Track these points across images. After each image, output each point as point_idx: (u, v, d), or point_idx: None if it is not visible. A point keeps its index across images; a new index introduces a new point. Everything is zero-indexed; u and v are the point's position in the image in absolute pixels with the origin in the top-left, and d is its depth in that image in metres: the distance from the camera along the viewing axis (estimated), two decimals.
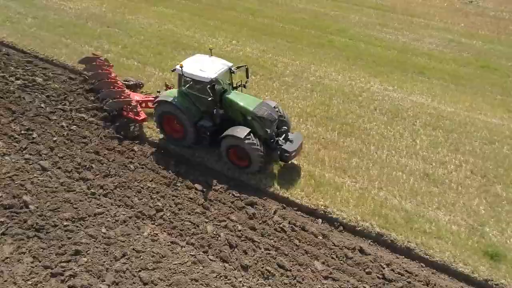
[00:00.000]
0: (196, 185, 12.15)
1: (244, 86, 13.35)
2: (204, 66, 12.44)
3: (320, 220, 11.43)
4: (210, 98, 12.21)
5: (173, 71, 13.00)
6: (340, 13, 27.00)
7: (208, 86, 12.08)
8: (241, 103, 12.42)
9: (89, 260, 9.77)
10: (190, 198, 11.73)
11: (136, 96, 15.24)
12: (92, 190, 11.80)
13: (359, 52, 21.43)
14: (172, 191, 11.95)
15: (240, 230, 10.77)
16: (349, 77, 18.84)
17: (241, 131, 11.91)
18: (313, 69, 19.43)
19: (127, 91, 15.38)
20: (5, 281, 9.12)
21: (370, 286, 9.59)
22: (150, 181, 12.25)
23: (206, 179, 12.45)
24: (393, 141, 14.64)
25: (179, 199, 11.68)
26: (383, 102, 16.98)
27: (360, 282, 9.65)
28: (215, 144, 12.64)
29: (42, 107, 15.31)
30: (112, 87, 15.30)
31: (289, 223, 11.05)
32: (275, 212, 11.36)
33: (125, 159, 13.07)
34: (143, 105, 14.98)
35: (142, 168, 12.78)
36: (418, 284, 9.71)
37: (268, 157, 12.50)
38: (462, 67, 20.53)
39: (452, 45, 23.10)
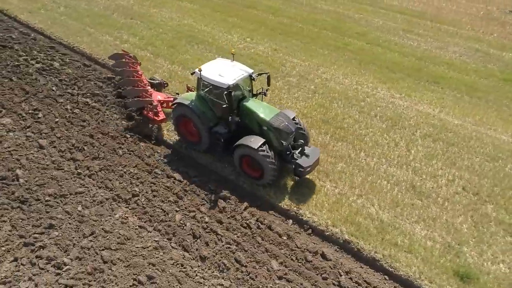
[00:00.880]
0: (176, 175, 12.49)
1: (265, 94, 12.95)
2: (223, 71, 12.12)
3: (290, 221, 11.37)
4: (224, 105, 11.85)
5: (192, 74, 12.63)
6: (364, 16, 26.39)
7: (225, 92, 11.68)
8: (258, 112, 11.96)
9: (60, 234, 10.39)
10: (167, 187, 12.08)
11: (158, 96, 15.11)
12: (78, 171, 12.49)
13: (374, 57, 20.88)
14: (152, 178, 12.37)
15: (206, 222, 10.97)
16: (356, 82, 18.44)
17: (255, 141, 11.46)
18: (321, 71, 19.20)
19: (150, 90, 15.24)
20: None
21: None
22: (134, 167, 12.75)
23: (188, 170, 12.76)
24: (386, 149, 14.21)
25: (156, 186, 12.08)
26: (385, 109, 16.48)
27: (314, 287, 9.53)
28: (229, 151, 12.25)
29: (53, 90, 16.32)
30: (136, 85, 15.29)
31: (257, 220, 11.09)
32: (245, 208, 11.45)
33: (115, 144, 13.67)
34: (164, 105, 14.89)
35: (130, 154, 13.31)
36: None
37: (281, 170, 12.09)
38: (482, 79, 19.43)
39: (478, 55, 21.90)
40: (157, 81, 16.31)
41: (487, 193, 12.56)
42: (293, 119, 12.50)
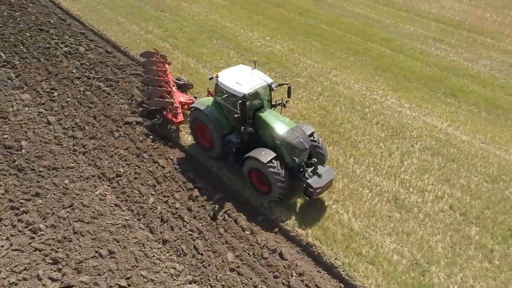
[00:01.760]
0: (161, 161, 13.04)
1: (284, 106, 12.47)
2: (241, 79, 11.71)
3: (260, 217, 11.48)
4: (236, 115, 11.57)
5: (210, 79, 12.38)
6: (395, 22, 25.49)
7: (239, 101, 11.24)
8: (272, 125, 11.48)
9: (43, 203, 11.32)
10: (149, 171, 12.68)
11: (181, 97, 14.95)
12: (75, 147, 13.46)
13: (394, 64, 20.18)
14: (138, 161, 13.02)
15: (177, 208, 11.40)
16: (367, 87, 17.98)
17: (266, 155, 10.96)
18: (333, 74, 18.93)
19: (174, 90, 15.16)
20: None
21: (268, 287, 9.52)
22: (125, 149, 13.49)
23: (173, 157, 13.26)
24: (378, 158, 13.80)
25: (140, 169, 12.71)
26: (389, 117, 15.96)
27: (263, 283, 9.62)
28: (240, 162, 11.75)
29: (73, 72, 17.58)
30: (160, 85, 15.27)
31: (225, 212, 11.33)
32: (217, 200, 11.71)
33: (114, 127, 14.52)
34: (185, 107, 14.73)
35: (124, 137, 14.08)
36: None
37: (292, 187, 11.56)
38: (507, 96, 18.11)
39: (511, 71, 20.39)
40: (183, 82, 16.26)
41: (475, 214, 11.83)
42: (311, 135, 11.92)
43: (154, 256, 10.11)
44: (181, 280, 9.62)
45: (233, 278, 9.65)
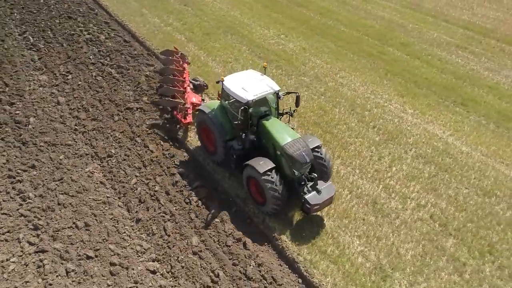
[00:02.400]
0: (151, 145, 13.65)
1: (291, 115, 12.20)
2: (247, 85, 11.38)
3: (234, 208, 11.77)
4: (236, 122, 11.22)
5: (217, 82, 12.21)
6: (419, 27, 24.69)
7: (241, 108, 10.94)
8: (274, 134, 11.06)
9: (37, 174, 12.27)
10: (138, 154, 13.33)
11: (193, 98, 14.91)
12: (76, 127, 14.40)
13: (406, 69, 19.65)
14: (130, 145, 13.71)
15: (156, 191, 11.94)
16: (372, 91, 17.69)
17: (263, 165, 10.62)
18: (340, 75, 18.78)
19: (189, 90, 15.21)
20: None
21: (226, 275, 9.77)
22: (120, 132, 14.24)
23: (164, 143, 13.82)
24: (366, 161, 13.63)
25: (130, 152, 13.40)
26: (389, 122, 15.65)
27: (220, 269, 9.91)
28: (240, 169, 11.49)
29: (90, 58, 18.69)
30: (174, 85, 15.26)
31: (199, 199, 11.71)
32: (196, 187, 12.11)
33: (116, 111, 15.33)
34: (196, 108, 14.13)
35: (123, 121, 14.85)
36: None
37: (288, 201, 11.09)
38: None
39: None
40: (198, 82, 16.25)
41: (456, 226, 11.43)
42: (315, 148, 11.38)
43: (125, 232, 10.69)
44: (144, 258, 10.13)
45: (193, 261, 10.02)
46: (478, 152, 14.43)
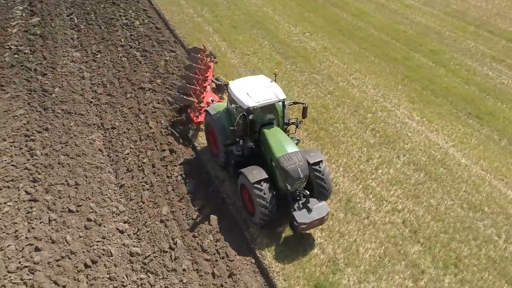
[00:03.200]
0: (151, 123, 14.72)
1: (297, 126, 11.86)
2: (253, 91, 11.11)
3: (212, 187, 12.44)
4: (231, 127, 11.03)
5: (225, 86, 12.34)
6: (456, 35, 23.53)
7: (240, 114, 10.81)
8: (272, 144, 10.74)
9: (48, 136, 13.86)
10: (138, 129, 14.49)
11: (211, 97, 14.88)
12: (91, 100, 15.93)
13: (427, 76, 18.98)
14: (133, 120, 14.90)
15: (143, 163, 12.98)
16: (382, 94, 17.40)
17: (256, 175, 10.29)
18: (354, 76, 18.65)
19: (208, 89, 15.28)
20: (1, 129, 14.03)
21: (184, 244, 10.47)
22: (129, 108, 15.50)
23: (168, 122, 14.76)
24: (353, 161, 13.61)
25: (132, 126, 14.60)
26: (389, 126, 15.39)
27: (180, 238, 10.63)
28: (237, 176, 11.19)
29: (121, 41, 20.33)
30: (193, 83, 15.21)
31: (181, 176, 12.53)
32: (180, 164, 12.96)
33: (130, 89, 16.65)
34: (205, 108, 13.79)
35: (134, 98, 16.12)
36: (223, 265, 10.02)
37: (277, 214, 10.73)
38: None
39: None
40: (219, 82, 16.18)
41: (427, 235, 11.15)
42: (317, 164, 10.84)
43: (107, 195, 11.82)
44: (117, 218, 11.16)
45: (158, 228, 10.86)
46: (478, 166, 13.77)
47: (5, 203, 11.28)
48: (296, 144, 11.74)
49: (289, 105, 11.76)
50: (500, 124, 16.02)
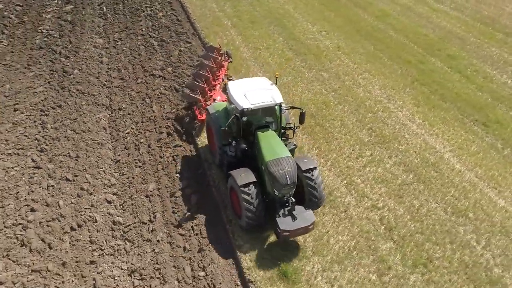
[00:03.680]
0: (155, 107, 15.57)
1: (294, 131, 11.78)
2: (250, 93, 11.06)
3: (200, 170, 13.07)
4: (222, 128, 11.15)
5: (224, 86, 12.18)
6: (481, 42, 22.74)
7: (233, 115, 10.89)
8: (263, 147, 10.63)
9: (60, 112, 15.08)
10: (142, 111, 15.38)
11: (219, 96, 14.85)
12: (105, 83, 17.05)
13: (438, 81, 18.58)
14: (139, 103, 15.83)
15: (141, 142, 13.85)
16: (387, 96, 17.30)
17: (244, 177, 10.24)
18: (362, 76, 18.63)
19: (217, 88, 15.38)
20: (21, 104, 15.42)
21: (163, 219, 11.16)
22: (137, 92, 16.47)
23: (166, 107, 15.60)
24: (343, 157, 13.75)
25: (137, 108, 15.54)
26: (388, 127, 15.33)
27: (160, 213, 11.33)
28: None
29: (142, 30, 21.46)
30: (201, 81, 15.20)
31: (173, 157, 13.25)
32: (175, 146, 13.69)
33: (142, 75, 17.61)
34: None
35: (143, 84, 17.06)
36: (195, 241, 10.61)
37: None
38: None
39: None
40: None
41: (403, 234, 11.16)
42: (309, 171, 10.65)
43: (102, 168, 12.77)
44: (107, 190, 12.07)
45: (143, 202, 11.64)
46: (472, 173, 13.47)
47: (12, 167, 12.49)
48: (293, 149, 11.80)
49: (285, 109, 11.60)
50: (507, 133, 15.48)
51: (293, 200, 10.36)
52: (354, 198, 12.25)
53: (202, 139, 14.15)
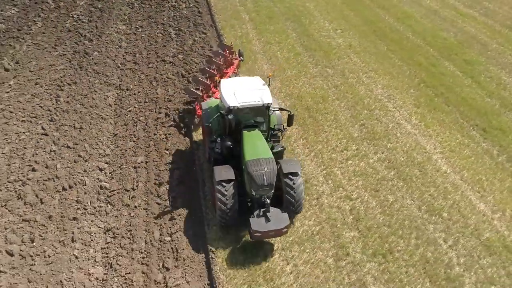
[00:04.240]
0: (159, 89, 16.61)
1: (282, 132, 11.90)
2: (240, 92, 11.16)
3: (188, 149, 13.93)
4: (206, 124, 11.40)
5: (218, 83, 12.33)
6: (504, 48, 21.86)
7: (219, 112, 11.11)
8: (245, 147, 10.70)
9: (73, 88, 16.53)
10: (146, 93, 16.49)
11: None
12: (119, 65, 18.39)
13: (446, 84, 18.24)
14: (146, 85, 16.95)
15: (139, 120, 14.93)
16: (388, 95, 17.29)
17: (223, 174, 10.29)
18: (367, 75, 18.70)
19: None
20: (42, 78, 17.02)
21: (144, 188, 12.12)
22: (146, 76, 17.64)
23: (169, 90, 16.61)
24: (328, 149, 14.05)
25: (142, 90, 16.67)
26: (381, 124, 15.41)
27: (143, 182, 12.32)
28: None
29: (163, 20, 22.73)
30: (206, 76, 15.33)
31: (165, 135, 14.23)
32: (169, 126, 14.64)
33: (154, 60, 18.78)
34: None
35: (153, 68, 18.22)
36: (169, 210, 11.47)
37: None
38: None
39: None
40: None
41: (369, 225, 11.37)
42: (289, 174, 10.48)
43: (101, 139, 13.99)
44: (101, 159, 13.25)
45: (130, 172, 12.69)
46: (458, 175, 13.32)
47: (23, 132, 13.99)
48: (281, 151, 11.78)
49: (274, 110, 11.49)
50: (507, 140, 15.03)
51: (268, 201, 10.24)
52: (329, 187, 12.57)
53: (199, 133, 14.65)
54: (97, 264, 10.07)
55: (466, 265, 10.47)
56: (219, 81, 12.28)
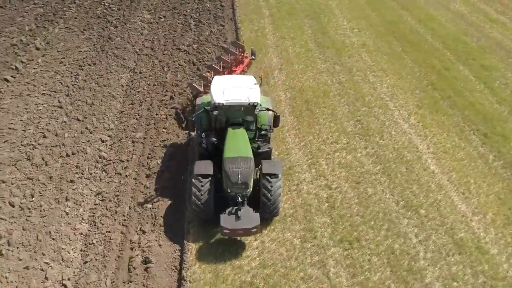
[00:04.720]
0: (168, 74, 17.66)
1: (268, 132, 11.85)
2: (229, 89, 11.24)
3: (185, 129, 14.83)
4: (189, 118, 11.52)
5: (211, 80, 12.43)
6: None
7: (204, 107, 11.29)
8: (227, 144, 10.78)
9: (92, 69, 17.97)
10: (156, 77, 17.59)
11: None
12: (138, 51, 19.65)
13: (455, 88, 17.92)
14: (157, 70, 18.06)
15: (145, 100, 16.02)
16: (392, 95, 17.31)
17: (202, 169, 10.39)
18: (374, 74, 18.76)
19: None
20: (67, 58, 18.59)
21: (137, 161, 13.12)
22: (159, 61, 18.77)
23: (178, 75, 17.62)
24: (318, 141, 14.42)
25: (153, 74, 17.77)
26: (377, 121, 15.54)
27: (137, 156, 13.32)
28: None
29: (185, 11, 23.86)
30: (212, 74, 15.28)
31: (166, 115, 15.19)
32: (172, 108, 15.62)
33: (170, 48, 19.90)
34: None
35: (168, 55, 19.31)
36: (155, 181, 12.39)
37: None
38: None
39: None
40: None
41: (342, 214, 11.69)
42: (268, 175, 10.47)
43: (107, 115, 15.25)
44: (104, 132, 14.48)
45: (127, 146, 13.85)
46: (445, 176, 13.26)
47: (41, 104, 15.52)
48: (267, 152, 11.61)
49: (260, 110, 11.41)
50: (508, 147, 14.67)
51: (240, 200, 10.31)
52: (311, 175, 12.98)
53: None
54: (83, 221, 11.18)
55: (432, 260, 10.55)
56: (210, 77, 12.85)
